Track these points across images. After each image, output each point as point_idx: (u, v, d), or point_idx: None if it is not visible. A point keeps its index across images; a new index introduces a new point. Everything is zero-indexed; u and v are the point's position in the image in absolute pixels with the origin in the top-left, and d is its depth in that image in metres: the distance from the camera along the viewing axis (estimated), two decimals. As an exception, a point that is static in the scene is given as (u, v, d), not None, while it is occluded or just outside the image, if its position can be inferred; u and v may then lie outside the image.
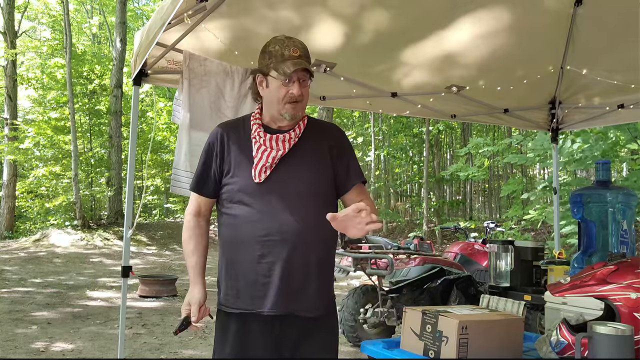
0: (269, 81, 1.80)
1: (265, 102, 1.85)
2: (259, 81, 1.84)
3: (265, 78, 1.81)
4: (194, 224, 1.90)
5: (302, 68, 1.75)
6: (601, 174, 2.98)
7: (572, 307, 1.71)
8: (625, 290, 1.52)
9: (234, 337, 1.79)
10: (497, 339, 1.62)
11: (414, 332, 1.66)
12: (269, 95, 1.82)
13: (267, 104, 1.84)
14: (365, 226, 1.56)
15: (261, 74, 1.83)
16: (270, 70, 1.79)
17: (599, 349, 1.39)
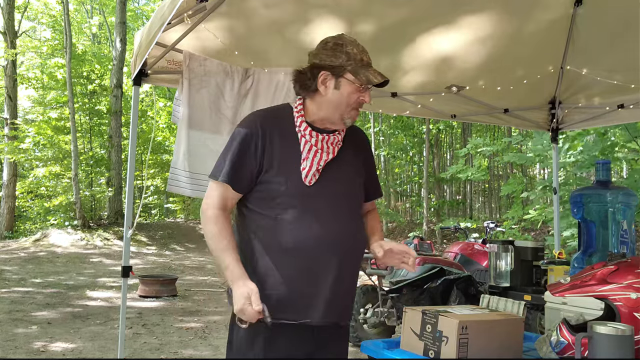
0: (340, 83, 1.68)
1: (325, 102, 1.70)
2: (324, 79, 1.68)
3: (336, 78, 1.68)
4: (224, 219, 1.67)
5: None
6: (601, 174, 2.97)
7: (572, 307, 1.71)
8: (625, 290, 1.52)
9: (265, 345, 1.67)
10: (497, 339, 1.62)
11: (414, 332, 1.66)
12: (335, 97, 1.69)
13: (327, 105, 1.70)
14: (401, 264, 1.65)
15: (330, 73, 1.68)
16: (346, 72, 1.67)
17: (599, 349, 1.39)
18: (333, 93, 1.69)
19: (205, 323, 6.26)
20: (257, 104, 3.28)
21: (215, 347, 5.21)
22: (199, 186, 3.12)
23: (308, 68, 1.73)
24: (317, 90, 1.70)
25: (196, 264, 13.06)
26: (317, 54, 1.72)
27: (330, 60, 1.69)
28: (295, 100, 1.79)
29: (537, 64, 3.75)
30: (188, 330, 5.86)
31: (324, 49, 1.72)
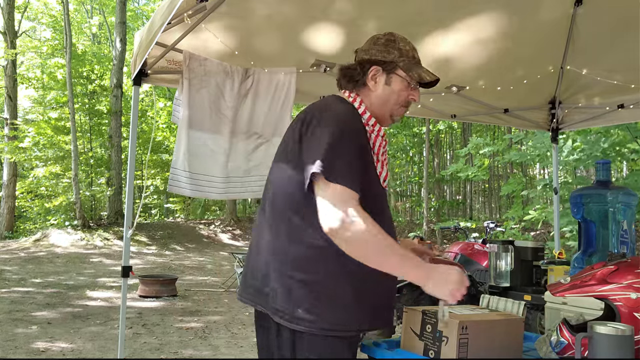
0: (391, 79, 1.64)
1: (374, 97, 1.65)
2: (374, 74, 1.64)
3: (387, 74, 1.64)
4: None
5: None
6: (601, 174, 2.98)
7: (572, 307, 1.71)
8: (625, 290, 1.52)
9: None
10: (497, 339, 1.62)
11: (414, 332, 1.66)
12: (385, 93, 1.65)
13: (377, 100, 1.65)
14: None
15: (382, 69, 1.64)
16: (397, 69, 1.64)
17: (599, 349, 1.39)
18: (384, 89, 1.65)
19: (205, 323, 6.26)
20: (257, 104, 3.28)
21: (215, 347, 5.21)
22: (199, 186, 3.12)
23: (356, 63, 1.67)
24: (365, 85, 1.65)
25: (196, 264, 13.06)
26: (367, 49, 1.68)
27: (382, 56, 1.65)
28: (345, 94, 1.68)
29: (537, 64, 3.75)
30: (188, 330, 5.86)
31: (375, 44, 1.67)
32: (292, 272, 1.49)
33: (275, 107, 3.32)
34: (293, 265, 1.50)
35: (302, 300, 1.46)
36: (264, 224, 1.61)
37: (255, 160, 3.31)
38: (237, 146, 3.25)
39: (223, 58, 3.16)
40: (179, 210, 24.69)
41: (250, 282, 1.63)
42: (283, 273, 1.50)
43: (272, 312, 1.51)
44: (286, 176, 1.56)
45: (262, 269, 1.57)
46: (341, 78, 1.69)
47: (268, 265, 1.55)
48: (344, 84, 1.69)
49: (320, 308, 1.46)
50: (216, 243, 18.36)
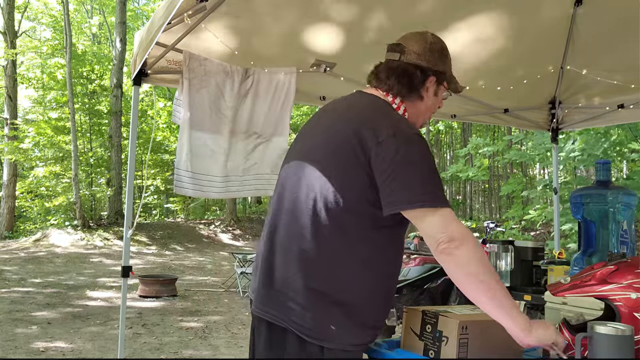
0: (439, 90, 1.59)
1: (422, 107, 1.58)
2: (430, 84, 1.57)
3: (437, 85, 1.58)
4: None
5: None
6: (601, 174, 2.97)
7: (572, 307, 1.71)
8: (625, 290, 1.52)
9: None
10: (497, 339, 1.62)
11: (414, 332, 1.66)
12: (431, 103, 1.59)
13: (423, 110, 1.59)
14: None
15: (436, 80, 1.57)
16: (445, 80, 1.60)
17: (599, 349, 1.39)
18: (431, 100, 1.59)
19: (205, 323, 6.26)
20: (257, 104, 3.28)
21: (215, 347, 5.22)
22: (200, 186, 3.12)
23: (414, 67, 1.55)
24: (419, 94, 1.57)
25: (196, 264, 13.06)
26: (422, 54, 1.56)
27: (437, 66, 1.57)
28: (389, 98, 1.56)
29: (537, 64, 3.75)
30: (188, 330, 5.86)
31: (431, 51, 1.57)
32: (326, 289, 1.43)
33: (275, 107, 3.32)
34: (328, 283, 1.43)
35: (335, 317, 1.42)
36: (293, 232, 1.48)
37: (254, 159, 3.31)
38: (237, 146, 3.25)
39: (223, 58, 3.16)
40: (179, 210, 24.69)
41: (269, 293, 1.50)
42: (318, 290, 1.43)
43: (297, 328, 1.42)
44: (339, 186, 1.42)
45: (290, 281, 1.46)
46: (394, 79, 1.55)
47: (296, 278, 1.44)
48: (395, 87, 1.55)
49: (352, 325, 1.44)
50: (216, 243, 18.37)
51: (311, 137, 1.58)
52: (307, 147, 1.56)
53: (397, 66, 1.57)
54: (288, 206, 1.51)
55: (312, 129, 1.60)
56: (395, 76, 1.55)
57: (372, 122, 1.43)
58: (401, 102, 1.56)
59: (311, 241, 1.43)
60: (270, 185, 3.37)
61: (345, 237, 1.42)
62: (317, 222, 1.43)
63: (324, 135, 1.52)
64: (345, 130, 1.46)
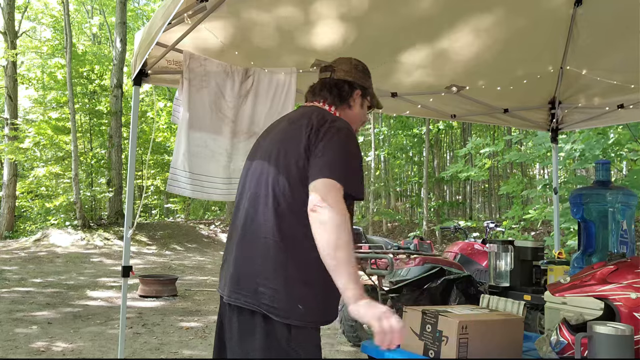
0: (364, 103, 1.94)
1: (351, 116, 1.90)
2: (356, 96, 1.91)
3: (362, 98, 1.93)
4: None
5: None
6: (601, 174, 2.98)
7: (572, 307, 1.71)
8: (625, 290, 1.52)
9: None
10: (497, 339, 1.62)
11: (414, 332, 1.67)
12: (358, 113, 1.92)
13: (352, 119, 1.88)
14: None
15: (362, 93, 1.93)
16: (368, 95, 1.95)
17: (599, 348, 1.39)
18: (358, 110, 1.92)
19: (205, 323, 6.26)
20: (258, 104, 3.28)
21: (215, 347, 5.22)
22: (201, 187, 3.12)
23: (343, 82, 1.89)
24: (347, 103, 1.89)
25: (196, 264, 13.07)
26: (349, 71, 1.91)
27: (362, 82, 1.92)
28: (325, 107, 1.87)
29: (537, 64, 3.75)
30: (188, 330, 5.86)
31: (356, 69, 1.93)
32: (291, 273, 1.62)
33: (276, 107, 3.32)
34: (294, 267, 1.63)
35: (302, 298, 1.61)
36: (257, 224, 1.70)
37: (256, 160, 3.30)
38: (238, 146, 3.25)
39: (223, 58, 3.16)
40: (180, 211, 24.70)
41: (240, 282, 1.69)
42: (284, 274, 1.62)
43: (267, 310, 1.60)
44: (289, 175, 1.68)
45: (259, 269, 1.65)
46: (327, 91, 1.88)
47: (265, 265, 1.64)
48: (329, 98, 1.87)
49: (317, 304, 1.64)
50: (216, 243, 18.37)
51: (265, 143, 1.86)
52: (261, 150, 1.84)
53: (329, 81, 1.90)
54: (250, 202, 1.74)
55: (265, 139, 1.90)
56: (328, 89, 1.89)
57: (312, 120, 1.73)
58: (335, 110, 1.88)
59: (274, 230, 1.64)
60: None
61: (303, 223, 1.57)
62: (277, 213, 1.65)
63: (275, 140, 1.81)
64: (291, 132, 1.75)
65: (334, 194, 1.54)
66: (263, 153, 1.81)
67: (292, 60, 3.34)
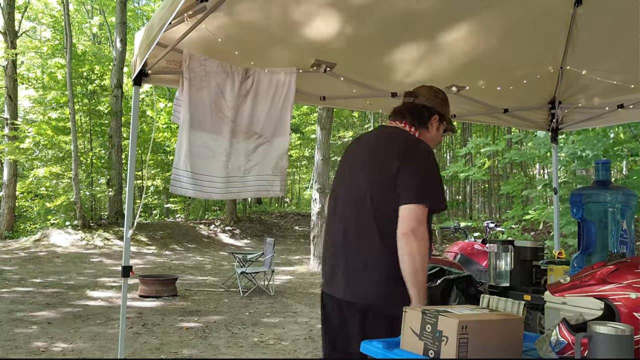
0: (440, 126, 2.26)
1: (427, 137, 2.21)
2: (434, 120, 2.24)
3: (439, 123, 2.25)
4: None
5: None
6: (601, 174, 2.97)
7: (571, 307, 1.71)
8: (625, 290, 1.52)
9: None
10: (497, 339, 1.62)
11: (414, 332, 1.67)
12: (434, 135, 2.24)
13: (429, 139, 2.20)
14: None
15: (439, 118, 2.25)
16: (445, 120, 2.27)
17: (599, 348, 1.39)
18: (435, 133, 2.25)
19: (205, 323, 6.26)
20: (258, 104, 3.28)
21: (215, 347, 5.22)
22: (201, 187, 3.12)
23: (423, 106, 2.22)
24: (425, 126, 2.22)
25: (196, 264, 13.07)
26: (430, 99, 2.24)
27: (440, 108, 2.25)
28: (409, 130, 2.19)
29: (537, 64, 3.75)
30: (188, 330, 5.86)
31: (436, 97, 2.26)
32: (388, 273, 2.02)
33: (276, 107, 3.32)
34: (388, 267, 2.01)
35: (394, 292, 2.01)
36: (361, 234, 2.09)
37: (255, 160, 3.31)
38: (238, 146, 3.25)
39: (223, 58, 3.16)
40: (180, 210, 24.68)
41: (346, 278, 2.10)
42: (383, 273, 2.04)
43: (372, 303, 2.01)
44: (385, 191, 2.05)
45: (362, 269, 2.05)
46: (409, 114, 2.21)
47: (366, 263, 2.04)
48: (409, 120, 2.21)
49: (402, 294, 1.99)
50: (216, 243, 18.37)
51: (355, 161, 2.20)
52: (355, 167, 2.17)
53: (411, 106, 2.24)
54: (351, 212, 2.11)
55: (353, 157, 2.25)
56: (410, 112, 2.22)
57: (398, 143, 2.09)
58: (415, 130, 2.20)
59: (376, 239, 2.02)
60: (271, 186, 3.36)
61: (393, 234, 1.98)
62: (376, 224, 2.02)
63: (366, 157, 2.16)
64: (380, 152, 2.12)
65: (421, 225, 1.93)
66: (355, 168, 2.16)
67: (292, 60, 3.34)
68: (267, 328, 6.09)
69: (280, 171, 3.38)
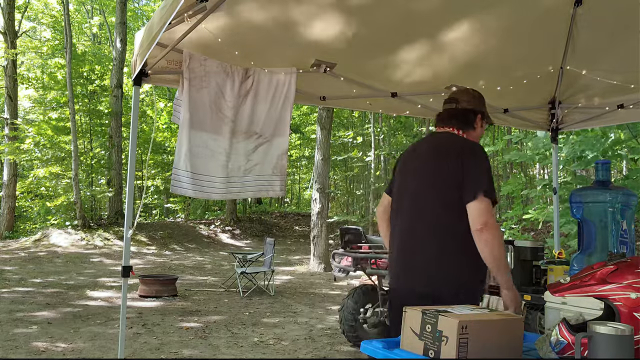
0: (484, 123, 2.44)
1: (474, 136, 2.39)
2: (479, 120, 2.42)
3: (482, 120, 2.43)
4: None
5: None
6: (601, 174, 2.98)
7: (572, 307, 1.71)
8: (625, 290, 1.52)
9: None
10: (497, 339, 1.62)
11: (414, 332, 1.67)
12: (479, 133, 2.43)
13: (475, 138, 2.40)
14: None
15: (482, 117, 2.43)
16: (486, 117, 2.45)
17: (599, 348, 1.39)
18: (479, 129, 2.42)
19: (205, 323, 6.26)
20: (258, 104, 3.28)
21: (215, 347, 5.22)
22: (201, 187, 3.12)
23: (467, 110, 2.40)
24: (473, 127, 2.40)
25: (196, 264, 13.07)
26: (470, 101, 2.42)
27: (480, 107, 2.43)
28: (458, 134, 2.37)
29: (537, 64, 3.75)
30: (188, 330, 5.86)
31: (474, 98, 2.44)
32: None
33: (276, 107, 3.32)
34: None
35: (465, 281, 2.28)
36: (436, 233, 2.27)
37: (255, 160, 3.31)
38: (238, 146, 3.25)
39: (223, 58, 3.16)
40: (179, 210, 24.68)
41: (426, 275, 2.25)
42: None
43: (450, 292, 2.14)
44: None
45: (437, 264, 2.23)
46: (455, 120, 2.39)
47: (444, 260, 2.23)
48: (457, 125, 2.38)
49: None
50: (216, 243, 18.36)
51: (416, 165, 2.39)
52: (419, 172, 2.35)
53: (455, 112, 2.42)
54: (419, 215, 2.29)
55: (412, 164, 2.43)
56: (456, 118, 2.40)
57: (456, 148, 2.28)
58: (463, 133, 2.38)
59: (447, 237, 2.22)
60: (271, 186, 3.36)
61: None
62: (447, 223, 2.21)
63: (427, 162, 2.33)
64: (441, 157, 2.29)
65: (492, 215, 2.10)
66: (416, 174, 2.34)
67: (292, 60, 3.34)
68: (267, 328, 6.09)
69: (280, 171, 3.38)
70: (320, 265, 12.23)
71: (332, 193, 23.54)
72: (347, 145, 23.70)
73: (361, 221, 19.71)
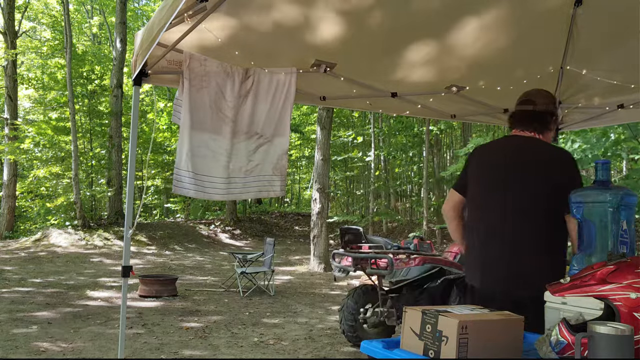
0: (555, 123, 2.49)
1: (546, 137, 2.44)
2: (554, 121, 2.48)
3: (555, 120, 2.48)
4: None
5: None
6: (601, 174, 2.97)
7: (572, 307, 1.70)
8: (625, 290, 1.52)
9: None
10: (497, 339, 1.62)
11: (414, 332, 1.67)
12: (552, 132, 2.47)
13: (548, 137, 2.44)
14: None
15: (555, 118, 2.49)
16: (557, 116, 2.51)
17: (599, 348, 1.39)
18: (553, 129, 2.48)
19: (205, 323, 6.26)
20: (258, 104, 3.28)
21: (215, 347, 5.22)
22: (202, 187, 3.12)
23: (545, 113, 2.43)
24: (549, 128, 2.44)
25: (196, 264, 13.07)
26: (545, 103, 2.45)
27: (554, 108, 2.49)
28: (535, 136, 2.41)
29: (537, 64, 3.75)
30: (188, 330, 5.86)
31: (550, 100, 2.49)
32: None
33: (276, 107, 3.32)
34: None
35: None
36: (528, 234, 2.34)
37: (256, 160, 3.31)
38: (239, 146, 3.25)
39: (223, 58, 3.16)
40: (179, 211, 24.68)
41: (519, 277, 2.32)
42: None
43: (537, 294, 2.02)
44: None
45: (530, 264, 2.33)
46: (536, 123, 2.41)
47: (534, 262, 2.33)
48: (537, 128, 2.41)
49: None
50: (216, 243, 18.36)
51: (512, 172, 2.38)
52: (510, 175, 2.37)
53: (534, 115, 2.43)
54: (515, 217, 2.32)
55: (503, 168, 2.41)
56: (536, 121, 2.42)
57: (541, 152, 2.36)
58: (541, 135, 2.42)
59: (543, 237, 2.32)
60: (271, 186, 3.36)
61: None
62: (542, 224, 2.31)
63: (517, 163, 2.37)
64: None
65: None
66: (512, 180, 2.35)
67: (292, 60, 3.34)
68: (267, 328, 6.09)
69: (281, 171, 3.38)
70: (320, 265, 12.23)
71: (332, 193, 23.54)
72: (347, 145, 23.72)
73: (361, 221, 19.71)
